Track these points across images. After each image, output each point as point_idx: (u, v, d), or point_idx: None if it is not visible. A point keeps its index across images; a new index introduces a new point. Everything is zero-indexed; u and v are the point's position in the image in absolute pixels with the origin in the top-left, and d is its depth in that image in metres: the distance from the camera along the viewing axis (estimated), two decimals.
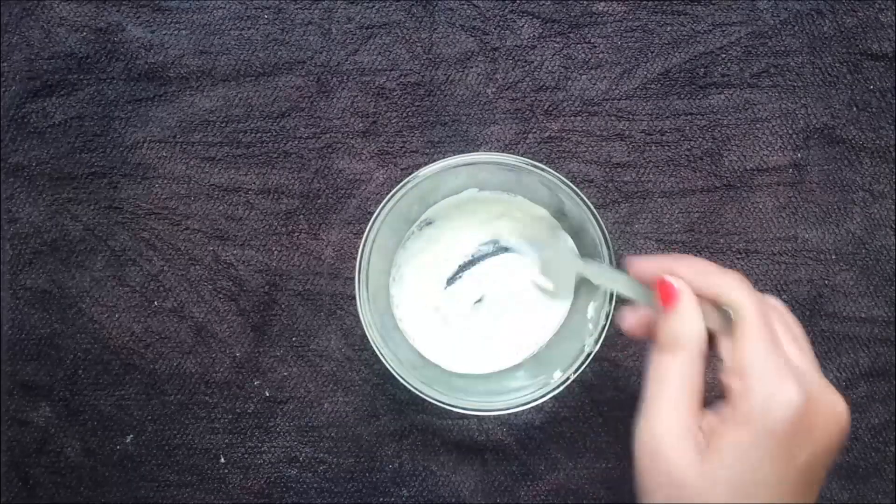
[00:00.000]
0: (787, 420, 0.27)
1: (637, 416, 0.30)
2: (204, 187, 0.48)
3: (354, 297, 0.41)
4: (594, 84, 0.48)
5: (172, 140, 0.48)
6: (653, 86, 0.48)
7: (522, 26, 0.48)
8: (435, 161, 0.41)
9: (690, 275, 0.32)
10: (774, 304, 0.32)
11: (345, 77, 0.48)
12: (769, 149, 0.48)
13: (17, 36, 0.48)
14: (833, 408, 0.29)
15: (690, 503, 0.27)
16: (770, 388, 0.28)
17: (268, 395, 0.47)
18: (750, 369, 0.29)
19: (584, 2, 0.48)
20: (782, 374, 0.28)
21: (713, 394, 0.31)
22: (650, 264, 0.34)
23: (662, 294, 0.32)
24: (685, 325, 0.30)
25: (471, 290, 0.46)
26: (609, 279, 0.39)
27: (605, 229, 0.40)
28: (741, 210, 0.47)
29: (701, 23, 0.48)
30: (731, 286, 0.31)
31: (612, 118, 0.48)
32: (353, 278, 0.41)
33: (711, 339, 0.31)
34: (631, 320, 0.35)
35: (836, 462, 0.29)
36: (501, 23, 0.48)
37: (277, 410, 0.47)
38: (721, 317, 0.31)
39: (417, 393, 0.40)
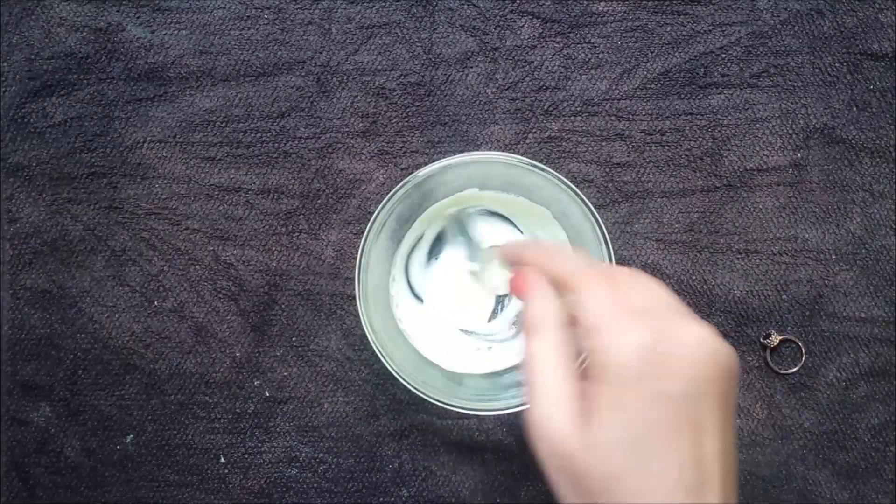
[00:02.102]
0: (630, 363, 0.27)
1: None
2: (204, 187, 0.48)
3: (354, 297, 0.41)
4: (594, 84, 0.48)
5: (172, 140, 0.48)
6: (653, 86, 0.48)
7: (522, 26, 0.48)
8: (435, 161, 0.41)
9: (538, 261, 0.33)
10: (627, 269, 0.33)
11: (345, 77, 0.48)
12: (769, 149, 0.48)
13: (17, 36, 0.48)
14: (687, 339, 0.28)
15: (581, 475, 0.27)
16: (607, 337, 0.28)
17: (268, 395, 0.47)
18: (591, 325, 0.28)
19: (584, 2, 0.48)
20: (621, 320, 0.28)
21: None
22: (506, 252, 0.36)
23: (514, 286, 0.33)
24: (537, 307, 0.31)
25: (472, 289, 0.46)
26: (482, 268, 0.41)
27: (605, 229, 0.40)
28: (741, 210, 0.47)
29: (701, 23, 0.48)
30: (561, 262, 0.32)
31: (612, 118, 0.48)
32: (353, 278, 0.41)
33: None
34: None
35: (732, 401, 0.28)
36: (501, 23, 0.48)
37: (277, 410, 0.47)
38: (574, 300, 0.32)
39: (417, 393, 0.40)
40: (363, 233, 0.41)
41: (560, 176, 0.41)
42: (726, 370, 0.28)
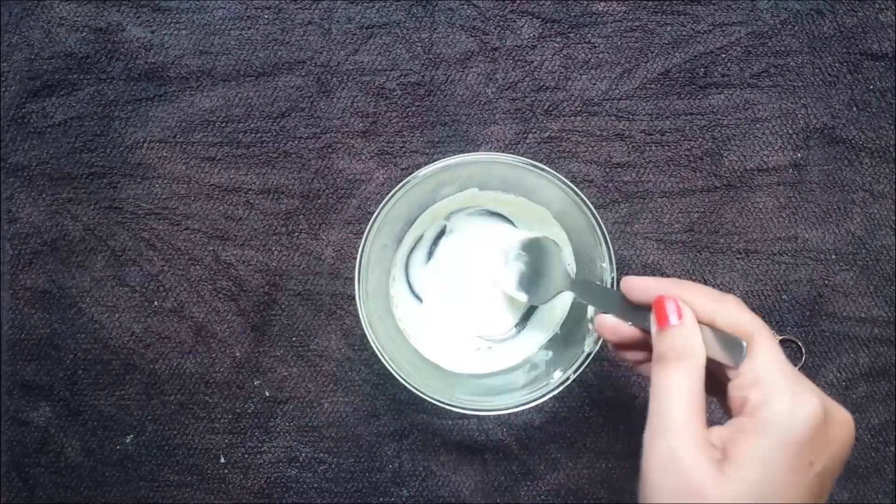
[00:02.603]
0: (808, 429, 0.28)
1: (646, 430, 0.30)
2: (204, 187, 0.48)
3: (354, 297, 0.41)
4: (594, 84, 0.48)
5: (172, 140, 0.48)
6: (653, 86, 0.48)
7: (522, 26, 0.48)
8: (435, 161, 0.41)
9: (691, 298, 0.32)
10: None
11: (345, 77, 0.48)
12: (769, 149, 0.48)
13: (17, 36, 0.48)
14: (845, 419, 0.29)
15: None
16: (791, 398, 0.28)
17: (268, 395, 0.47)
18: (768, 381, 0.29)
19: (584, 2, 0.48)
20: (801, 386, 0.29)
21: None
22: (647, 284, 0.34)
23: (660, 312, 0.32)
24: (688, 338, 0.31)
25: (472, 290, 0.46)
26: (598, 301, 0.39)
27: (605, 229, 0.40)
28: (741, 210, 0.47)
29: (701, 23, 0.48)
30: (735, 308, 0.32)
31: (612, 118, 0.48)
32: (353, 278, 0.41)
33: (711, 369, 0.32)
34: (608, 326, 0.36)
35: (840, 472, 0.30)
36: (501, 23, 0.48)
37: (277, 410, 0.47)
38: (725, 345, 0.31)
39: (417, 393, 0.40)
40: (363, 233, 0.41)
41: (560, 176, 0.41)
42: (851, 451, 0.30)
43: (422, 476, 0.47)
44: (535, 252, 0.43)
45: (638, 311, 0.34)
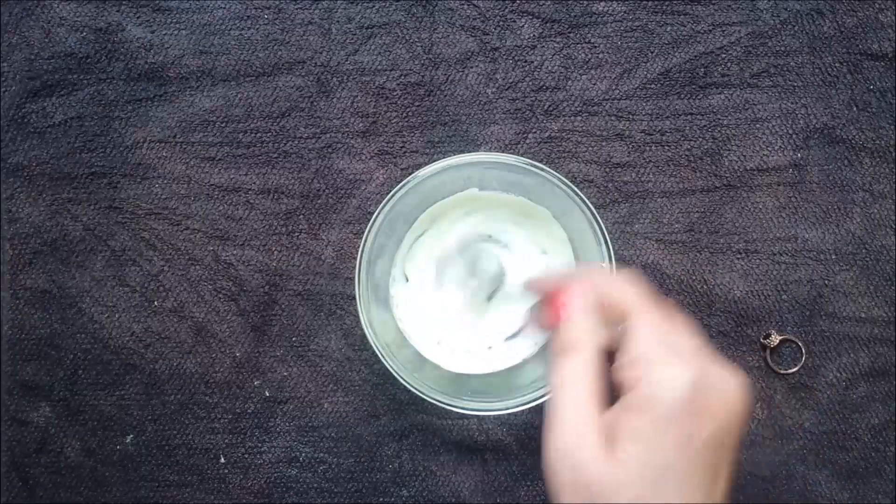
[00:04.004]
0: (678, 399, 0.27)
1: (545, 430, 0.30)
2: (204, 187, 0.48)
3: (354, 297, 0.41)
4: (594, 84, 0.48)
5: (172, 140, 0.48)
6: (653, 86, 0.48)
7: (522, 26, 0.48)
8: (435, 161, 0.41)
9: (582, 287, 0.32)
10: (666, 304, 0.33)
11: (345, 77, 0.48)
12: (769, 149, 0.48)
13: (17, 36, 0.48)
14: (726, 383, 0.29)
15: (600, 498, 0.27)
16: (657, 371, 0.28)
17: (268, 395, 0.47)
18: (638, 357, 0.29)
19: (584, 2, 0.48)
20: (669, 357, 0.28)
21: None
22: (543, 283, 0.35)
23: (554, 305, 0.33)
24: (574, 329, 0.31)
25: (472, 290, 0.46)
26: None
27: (605, 229, 0.40)
28: (741, 210, 0.47)
29: (701, 23, 0.48)
30: (619, 287, 0.32)
31: (612, 118, 0.48)
32: (353, 278, 0.41)
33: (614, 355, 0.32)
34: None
35: (739, 443, 0.29)
36: (501, 23, 0.48)
37: (277, 410, 0.47)
38: (620, 329, 0.31)
39: (417, 393, 0.40)
40: (363, 233, 0.41)
41: (560, 176, 0.41)
42: (746, 417, 0.29)
43: (422, 476, 0.47)
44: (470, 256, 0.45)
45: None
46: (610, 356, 0.31)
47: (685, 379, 0.28)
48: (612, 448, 0.28)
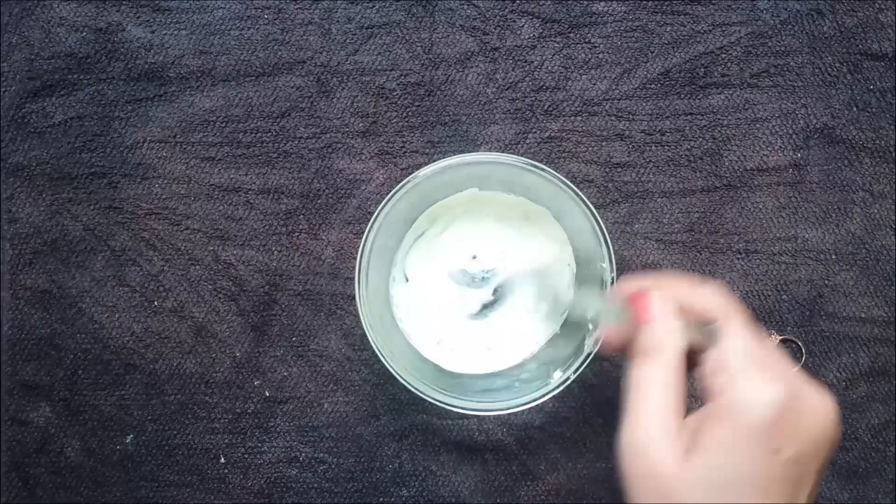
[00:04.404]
0: (768, 414, 0.27)
1: (620, 425, 0.30)
2: (204, 187, 0.48)
3: (354, 297, 0.41)
4: (594, 84, 0.48)
5: (172, 140, 0.48)
6: (653, 86, 0.48)
7: (522, 26, 0.48)
8: (435, 161, 0.41)
9: (672, 289, 0.32)
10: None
11: (345, 77, 0.48)
12: (769, 149, 0.48)
13: (17, 36, 0.48)
14: (818, 406, 0.29)
15: (672, 499, 0.27)
16: (752, 383, 0.28)
17: (268, 395, 0.47)
18: (732, 366, 0.29)
19: (584, 2, 0.48)
20: (764, 371, 0.28)
21: (698, 405, 0.31)
22: (632, 283, 0.34)
23: (638, 307, 0.33)
24: (660, 332, 0.31)
25: (472, 289, 0.46)
26: (590, 307, 0.40)
27: (605, 229, 0.40)
28: (741, 210, 0.47)
29: (701, 23, 0.48)
30: (712, 294, 0.32)
31: (612, 118, 0.48)
32: (353, 278, 0.41)
33: (695, 356, 0.32)
34: (610, 339, 0.36)
35: (828, 465, 0.29)
36: (501, 23, 0.48)
37: (277, 410, 0.47)
38: (704, 332, 0.31)
39: (417, 393, 0.40)
40: (363, 233, 0.41)
41: (560, 176, 0.41)
42: (835, 443, 0.29)
43: (422, 476, 0.47)
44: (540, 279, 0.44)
45: (625, 311, 0.35)
46: (691, 360, 0.31)
47: (775, 395, 0.27)
48: (691, 453, 0.28)
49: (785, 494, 0.27)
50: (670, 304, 0.32)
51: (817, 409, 0.29)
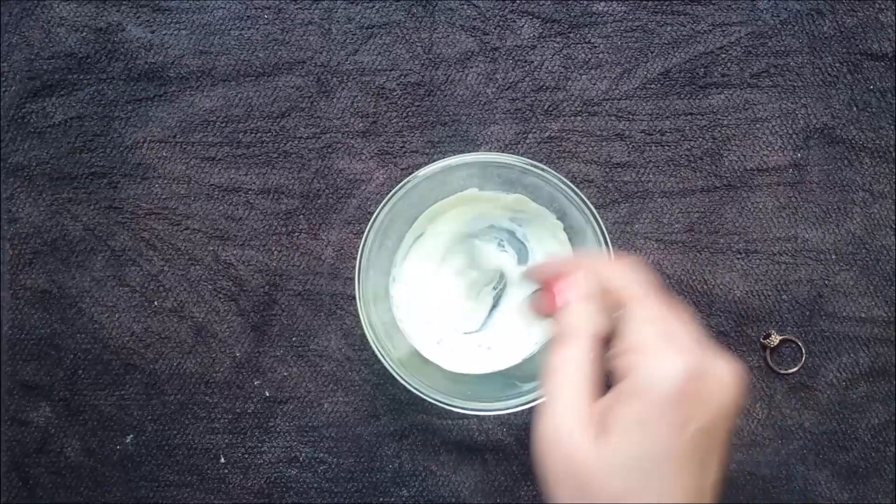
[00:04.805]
0: (671, 389, 0.27)
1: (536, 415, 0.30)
2: (204, 187, 0.48)
3: (354, 297, 0.41)
4: (594, 84, 0.48)
5: (172, 140, 0.48)
6: (653, 86, 0.48)
7: (522, 26, 0.48)
8: (435, 161, 0.41)
9: (587, 271, 0.32)
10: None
11: (345, 77, 0.48)
12: (769, 149, 0.48)
13: (17, 36, 0.48)
14: (721, 375, 0.28)
15: (590, 486, 0.27)
16: (653, 360, 0.28)
17: (268, 395, 0.47)
18: (638, 344, 0.29)
19: (584, 2, 0.48)
20: (665, 347, 0.28)
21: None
22: (541, 269, 0.35)
23: (549, 297, 0.33)
24: (570, 316, 0.31)
25: (471, 289, 0.46)
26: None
27: (605, 229, 0.40)
28: (741, 210, 0.47)
29: (701, 23, 0.48)
30: (619, 274, 0.32)
31: (612, 118, 0.48)
32: (353, 278, 0.41)
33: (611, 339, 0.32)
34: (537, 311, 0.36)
35: (732, 432, 0.29)
36: (501, 23, 0.48)
37: (277, 410, 0.47)
38: (618, 314, 0.31)
39: (417, 393, 0.40)
40: (363, 233, 0.41)
41: (560, 176, 0.41)
42: (739, 406, 0.29)
43: (422, 476, 0.47)
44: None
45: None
46: (608, 343, 0.31)
47: (679, 368, 0.27)
48: (604, 436, 0.28)
49: (697, 466, 0.27)
50: (584, 288, 0.32)
51: (723, 378, 0.28)
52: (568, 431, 0.28)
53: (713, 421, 0.28)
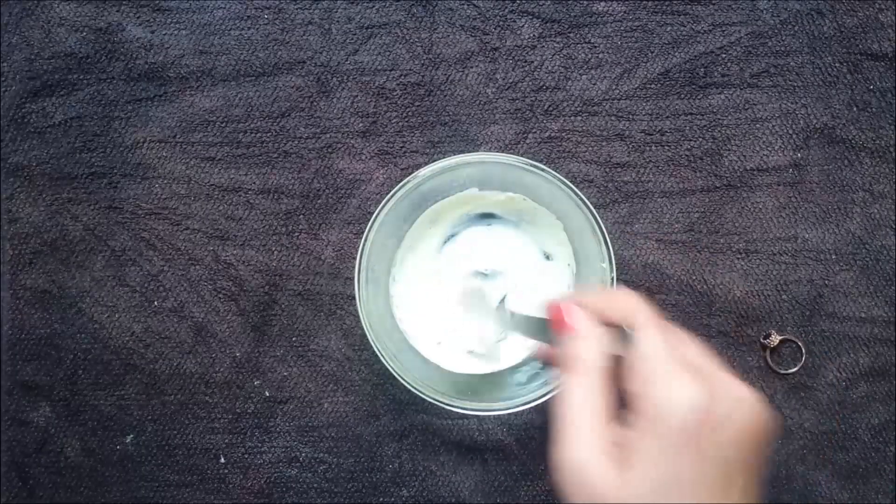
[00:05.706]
0: (687, 417, 0.27)
1: (552, 441, 0.30)
2: (204, 187, 0.48)
3: (354, 297, 0.41)
4: (594, 84, 0.48)
5: (172, 140, 0.48)
6: (653, 86, 0.48)
7: (522, 26, 0.48)
8: (435, 161, 0.41)
9: (587, 302, 0.33)
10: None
11: (345, 77, 0.48)
12: (769, 149, 0.48)
13: (17, 36, 0.48)
14: (738, 400, 0.28)
15: None
16: (667, 388, 0.28)
17: (268, 395, 0.47)
18: (647, 373, 0.29)
19: (584, 2, 0.48)
20: (678, 374, 0.28)
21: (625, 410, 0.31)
22: (552, 301, 0.35)
23: (555, 321, 0.33)
24: (580, 345, 0.31)
25: (471, 289, 0.46)
26: (512, 327, 0.41)
27: (605, 229, 0.40)
28: (741, 210, 0.47)
29: (701, 23, 0.48)
30: (624, 301, 0.32)
31: (612, 118, 0.48)
32: (353, 278, 0.41)
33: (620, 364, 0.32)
34: (546, 354, 0.36)
35: (763, 459, 0.29)
36: (501, 23, 0.48)
37: (277, 410, 0.47)
38: (624, 339, 0.31)
39: (417, 393, 0.40)
40: (363, 233, 0.41)
41: (560, 176, 0.41)
42: (766, 437, 0.29)
43: (422, 476, 0.47)
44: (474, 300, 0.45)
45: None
46: (618, 361, 0.31)
47: (691, 396, 0.27)
48: (623, 466, 0.28)
49: (718, 489, 0.27)
50: (588, 316, 0.32)
51: (737, 403, 0.28)
52: (587, 459, 0.28)
53: (733, 446, 0.28)
